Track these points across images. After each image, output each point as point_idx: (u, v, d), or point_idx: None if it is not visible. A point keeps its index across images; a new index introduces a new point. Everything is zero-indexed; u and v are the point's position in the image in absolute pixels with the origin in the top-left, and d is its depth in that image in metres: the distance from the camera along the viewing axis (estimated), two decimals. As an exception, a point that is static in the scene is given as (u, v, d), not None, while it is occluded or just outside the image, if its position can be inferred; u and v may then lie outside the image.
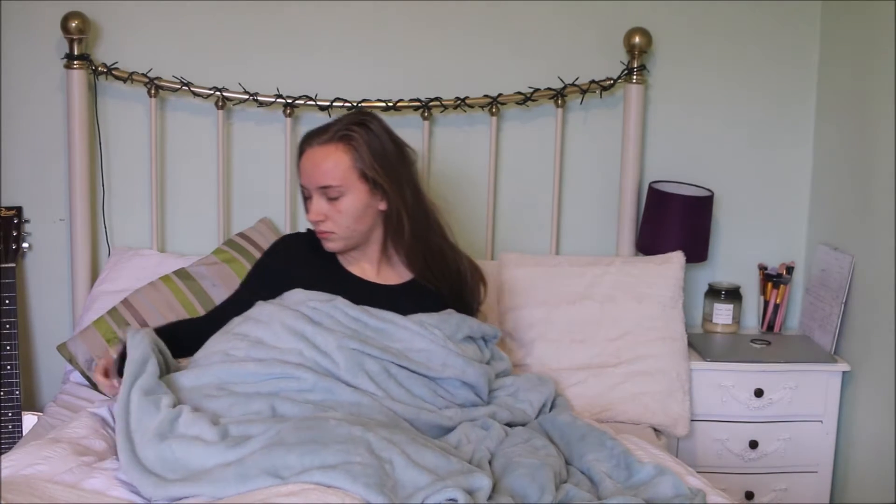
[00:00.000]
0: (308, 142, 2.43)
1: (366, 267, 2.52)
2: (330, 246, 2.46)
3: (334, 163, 2.37)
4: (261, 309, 2.40)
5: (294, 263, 2.52)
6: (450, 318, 2.45)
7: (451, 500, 1.89)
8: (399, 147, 2.47)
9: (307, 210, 2.44)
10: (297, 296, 2.41)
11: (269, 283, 2.48)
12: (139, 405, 2.12)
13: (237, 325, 2.39)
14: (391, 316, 2.39)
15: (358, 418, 2.13)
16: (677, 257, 3.03)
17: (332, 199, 2.39)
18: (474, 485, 1.95)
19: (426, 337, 2.38)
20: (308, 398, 2.21)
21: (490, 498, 1.96)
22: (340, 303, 2.38)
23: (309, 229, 2.58)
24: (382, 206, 2.44)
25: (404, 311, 2.43)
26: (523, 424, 2.42)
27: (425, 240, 2.49)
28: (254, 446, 2.01)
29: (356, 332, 2.35)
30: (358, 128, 2.40)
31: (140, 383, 2.15)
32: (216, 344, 2.36)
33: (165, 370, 2.30)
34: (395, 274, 2.53)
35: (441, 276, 2.52)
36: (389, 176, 2.41)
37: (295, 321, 2.33)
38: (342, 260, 2.52)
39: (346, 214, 2.40)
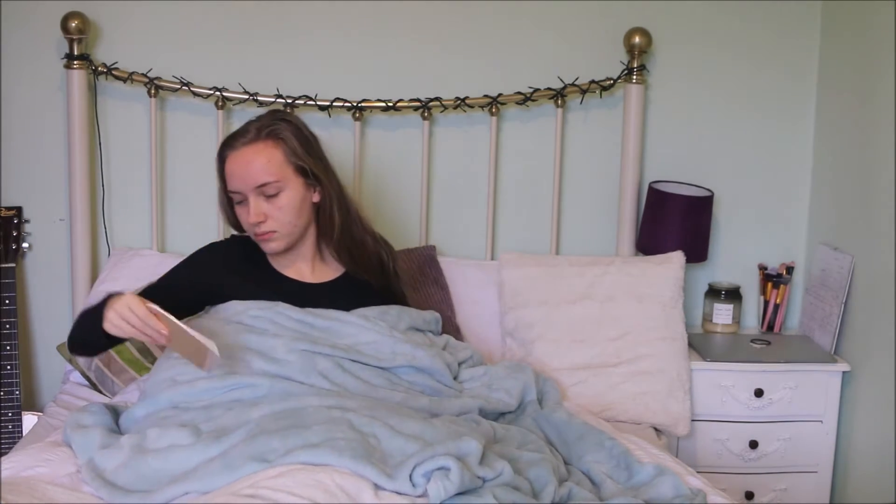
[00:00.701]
0: (231, 145, 2.36)
1: (301, 267, 2.48)
2: (272, 246, 2.39)
3: (267, 159, 2.32)
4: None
5: (222, 273, 2.44)
6: (390, 310, 2.46)
7: (442, 468, 1.87)
8: (317, 140, 2.45)
9: (237, 216, 2.39)
10: (234, 307, 2.35)
11: (192, 294, 2.41)
12: (100, 458, 2.09)
13: None
14: (335, 314, 2.37)
15: (336, 401, 2.12)
16: (677, 257, 3.03)
17: (270, 197, 2.33)
18: (463, 449, 1.93)
19: (371, 329, 2.37)
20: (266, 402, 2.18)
21: (482, 462, 1.94)
22: (283, 307, 2.34)
23: (234, 235, 2.53)
24: (316, 198, 2.41)
25: (346, 306, 2.41)
26: (504, 414, 2.41)
27: (350, 231, 2.46)
28: (234, 439, 2.01)
29: (304, 335, 2.31)
30: (281, 122, 2.37)
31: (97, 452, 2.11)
32: (160, 371, 2.31)
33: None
34: (329, 270, 2.51)
35: (367, 268, 2.50)
36: (320, 165, 2.40)
37: (237, 335, 2.27)
38: (276, 265, 2.47)
39: (287, 210, 2.34)
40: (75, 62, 3.00)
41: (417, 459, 1.88)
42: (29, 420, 2.89)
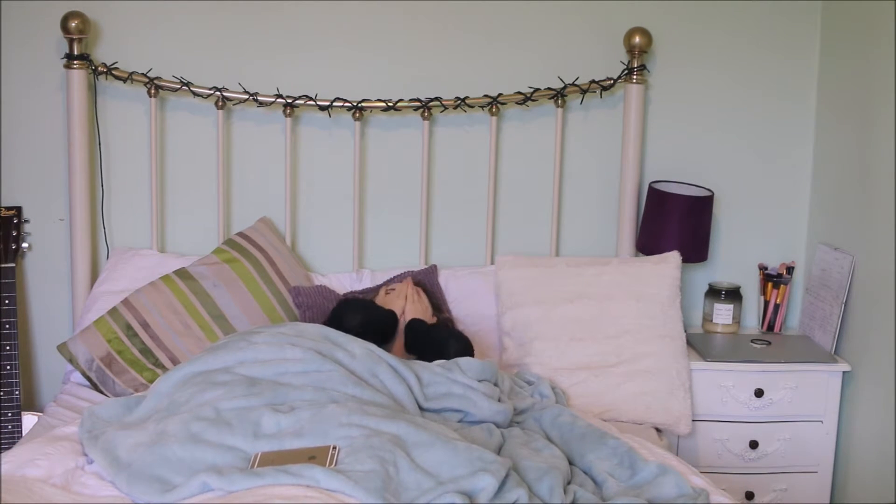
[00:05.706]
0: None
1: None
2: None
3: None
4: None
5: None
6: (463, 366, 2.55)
7: None
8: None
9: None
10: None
11: None
12: (113, 437, 2.16)
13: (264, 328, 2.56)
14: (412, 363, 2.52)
15: (362, 417, 2.14)
16: (673, 257, 3.03)
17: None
18: (477, 486, 1.95)
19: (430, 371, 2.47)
20: (308, 380, 2.29)
21: (502, 486, 1.97)
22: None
23: None
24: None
25: None
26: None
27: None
28: (263, 444, 2.07)
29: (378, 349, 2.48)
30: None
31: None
32: (238, 334, 2.53)
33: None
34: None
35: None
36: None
37: (320, 328, 2.49)
38: None
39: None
40: (75, 62, 3.00)
41: (428, 498, 1.92)
42: (29, 420, 2.89)
